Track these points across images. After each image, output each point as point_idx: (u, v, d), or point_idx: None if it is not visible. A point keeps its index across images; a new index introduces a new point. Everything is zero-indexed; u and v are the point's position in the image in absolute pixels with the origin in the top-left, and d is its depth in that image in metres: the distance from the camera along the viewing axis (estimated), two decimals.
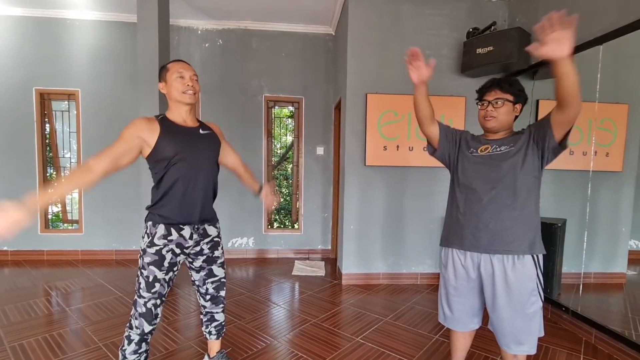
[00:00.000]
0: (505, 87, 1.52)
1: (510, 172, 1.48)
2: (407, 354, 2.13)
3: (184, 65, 1.57)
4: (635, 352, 2.00)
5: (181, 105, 1.56)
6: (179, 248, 1.58)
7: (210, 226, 1.69)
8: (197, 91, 1.59)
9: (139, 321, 1.53)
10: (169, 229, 1.54)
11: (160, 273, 1.52)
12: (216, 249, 1.73)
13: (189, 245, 1.61)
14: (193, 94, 1.55)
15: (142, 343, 1.57)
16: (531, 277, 1.49)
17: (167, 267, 1.54)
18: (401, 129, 3.25)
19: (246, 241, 4.18)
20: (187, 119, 1.60)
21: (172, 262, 1.56)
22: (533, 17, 2.90)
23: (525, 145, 1.49)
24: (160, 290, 1.54)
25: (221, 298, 1.81)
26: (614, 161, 2.58)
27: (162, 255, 1.52)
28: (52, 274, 3.49)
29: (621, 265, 2.65)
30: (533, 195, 1.50)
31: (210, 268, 1.73)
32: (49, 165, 4.02)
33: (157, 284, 1.52)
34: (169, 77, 1.54)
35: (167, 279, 1.56)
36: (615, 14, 2.17)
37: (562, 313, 2.54)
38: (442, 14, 3.20)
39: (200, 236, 1.64)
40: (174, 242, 1.55)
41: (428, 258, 3.40)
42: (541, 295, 1.51)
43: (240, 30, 3.99)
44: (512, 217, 1.48)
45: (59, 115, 4.00)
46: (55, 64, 3.81)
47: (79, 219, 3.98)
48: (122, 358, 1.57)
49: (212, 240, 1.70)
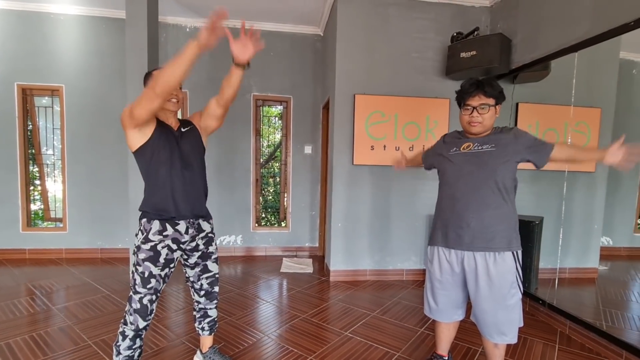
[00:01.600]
0: (489, 91, 1.57)
1: (490, 172, 1.56)
2: (394, 346, 2.22)
3: None
4: (606, 341, 2.14)
5: (166, 111, 1.61)
6: (175, 244, 1.60)
7: (204, 222, 1.72)
8: (181, 98, 1.63)
9: (134, 317, 1.55)
10: (164, 224, 1.56)
11: (155, 269, 1.54)
12: (210, 245, 1.77)
13: (186, 240, 1.63)
14: (177, 102, 1.60)
15: (136, 339, 1.59)
16: (511, 271, 1.58)
17: (163, 263, 1.56)
18: (388, 129, 3.34)
19: (234, 239, 4.20)
20: (171, 122, 1.65)
21: (169, 259, 1.58)
22: (513, 24, 3.03)
23: (510, 153, 1.56)
24: (155, 286, 1.57)
25: (215, 294, 1.85)
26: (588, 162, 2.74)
27: (157, 251, 1.54)
28: (36, 273, 3.42)
29: (594, 261, 2.80)
30: (511, 195, 1.60)
31: (205, 264, 1.76)
32: (31, 162, 3.94)
33: (152, 280, 1.55)
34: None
35: (162, 275, 1.58)
36: (589, 24, 2.31)
37: (539, 306, 2.68)
38: (428, 18, 3.30)
39: (195, 231, 1.67)
40: (169, 237, 1.57)
41: (413, 255, 3.51)
42: (520, 287, 1.61)
43: (229, 28, 3.96)
44: (492, 215, 1.57)
45: (42, 111, 3.91)
46: (39, 59, 3.72)
47: (63, 216, 3.91)
48: (117, 354, 1.59)
49: (206, 235, 1.74)
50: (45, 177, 4.02)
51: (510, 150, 1.57)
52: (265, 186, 4.75)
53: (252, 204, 4.21)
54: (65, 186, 3.87)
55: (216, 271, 1.83)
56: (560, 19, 2.56)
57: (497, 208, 1.57)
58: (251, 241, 4.24)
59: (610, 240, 2.78)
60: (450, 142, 1.76)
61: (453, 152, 1.69)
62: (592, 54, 2.34)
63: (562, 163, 1.59)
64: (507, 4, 3.13)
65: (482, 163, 1.59)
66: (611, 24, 2.14)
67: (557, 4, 2.59)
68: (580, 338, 2.32)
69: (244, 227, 4.21)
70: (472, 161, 1.62)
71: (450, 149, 1.72)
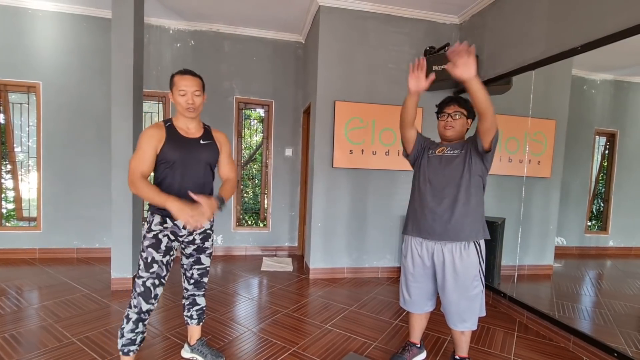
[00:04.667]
0: (462, 102, 1.86)
1: (459, 171, 1.79)
2: (371, 337, 2.39)
3: (187, 82, 1.66)
4: (557, 328, 2.40)
5: (185, 118, 1.73)
6: (174, 235, 1.73)
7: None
8: (198, 106, 1.70)
9: (137, 300, 1.66)
10: (164, 218, 1.70)
11: (157, 255, 1.67)
12: (207, 240, 1.87)
13: (183, 234, 1.76)
14: (193, 110, 1.68)
15: (139, 323, 1.69)
16: (474, 265, 1.80)
17: (164, 250, 1.69)
18: (366, 134, 3.53)
19: (215, 239, 4.25)
20: (190, 128, 1.76)
21: (169, 247, 1.71)
22: (480, 42, 3.31)
23: (468, 151, 1.81)
24: (158, 272, 1.68)
25: (203, 284, 1.96)
26: (544, 168, 3.01)
27: (158, 239, 1.68)
28: (8, 273, 3.34)
29: (549, 259, 3.08)
30: (479, 191, 1.82)
31: (199, 257, 1.87)
32: (4, 160, 3.82)
33: (155, 265, 1.67)
34: (174, 91, 1.67)
35: (164, 262, 1.69)
36: (544, 46, 2.60)
37: (500, 299, 2.94)
38: (403, 32, 3.54)
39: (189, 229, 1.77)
40: (169, 229, 1.71)
41: (388, 253, 3.71)
42: (482, 280, 1.83)
43: (213, 32, 4.07)
44: (461, 210, 1.78)
45: (17, 107, 3.82)
46: (14, 55, 3.64)
47: (37, 215, 3.82)
48: (120, 336, 1.70)
49: (204, 232, 1.85)
50: (19, 175, 3.91)
51: (468, 150, 1.81)
52: (244, 187, 4.82)
53: (233, 205, 4.28)
54: (41, 184, 3.79)
55: (207, 264, 1.93)
56: (520, 40, 2.85)
57: (464, 204, 1.78)
58: (232, 241, 4.31)
59: (564, 240, 3.06)
60: (431, 146, 1.98)
61: (430, 154, 1.92)
62: (548, 71, 2.61)
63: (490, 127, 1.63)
64: (474, 23, 3.42)
65: (451, 164, 1.82)
66: (562, 47, 2.43)
67: (517, 27, 2.88)
68: (536, 326, 2.58)
69: (225, 227, 4.27)
70: (443, 162, 1.85)
71: (429, 150, 1.95)
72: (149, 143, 1.64)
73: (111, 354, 2.03)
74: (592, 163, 2.89)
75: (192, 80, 1.67)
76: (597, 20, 2.21)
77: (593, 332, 2.25)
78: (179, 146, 1.68)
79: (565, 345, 2.33)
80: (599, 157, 2.87)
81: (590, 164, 2.89)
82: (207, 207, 1.58)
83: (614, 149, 2.72)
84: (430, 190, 1.85)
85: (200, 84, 1.71)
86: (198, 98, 1.69)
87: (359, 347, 2.24)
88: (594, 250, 3.03)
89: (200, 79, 1.72)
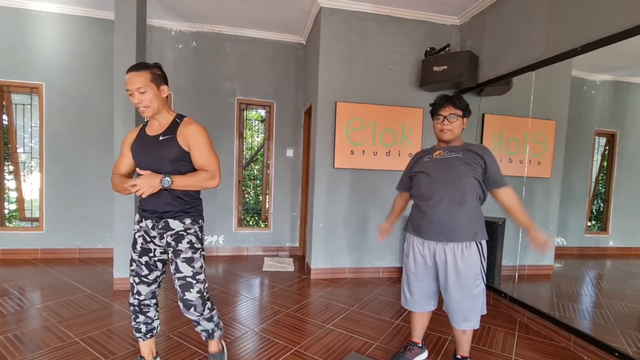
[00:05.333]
0: (457, 103, 1.84)
1: (457, 173, 1.80)
2: (372, 336, 2.40)
3: (129, 80, 1.52)
4: (558, 328, 2.41)
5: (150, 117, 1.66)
6: (147, 235, 1.69)
7: (175, 220, 1.65)
8: (148, 103, 1.55)
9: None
10: (140, 216, 1.71)
11: (134, 254, 1.72)
12: (180, 242, 1.64)
13: (154, 236, 1.68)
14: (146, 109, 1.57)
15: (136, 314, 1.76)
16: (476, 264, 1.81)
17: (139, 250, 1.70)
18: (367, 135, 3.55)
19: (216, 239, 4.27)
20: (154, 125, 1.67)
21: (145, 248, 1.70)
22: (480, 43, 3.33)
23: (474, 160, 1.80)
24: (137, 270, 1.71)
25: (189, 302, 1.65)
26: (544, 169, 3.02)
27: (135, 239, 1.72)
28: (11, 273, 3.35)
29: (549, 259, 3.10)
30: (476, 193, 1.82)
31: (176, 261, 1.65)
32: (7, 161, 3.84)
33: (133, 264, 1.72)
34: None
35: (142, 262, 1.70)
36: (544, 47, 2.61)
37: (501, 299, 2.95)
38: (404, 33, 3.56)
39: (162, 229, 1.65)
40: (142, 229, 1.70)
41: (389, 253, 3.72)
42: (484, 279, 1.84)
43: (214, 34, 4.09)
44: (459, 211, 1.79)
45: (20, 108, 3.84)
46: (17, 56, 3.66)
47: (40, 216, 3.84)
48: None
49: (176, 233, 1.65)
50: (22, 176, 3.93)
51: (474, 158, 1.81)
52: (245, 188, 4.84)
53: (235, 205, 4.30)
54: (43, 185, 3.81)
55: (188, 274, 1.64)
56: (520, 40, 2.86)
57: (463, 204, 1.79)
58: (233, 241, 4.32)
59: (564, 240, 3.07)
60: (421, 155, 2.00)
61: (426, 159, 1.92)
62: (548, 71, 2.63)
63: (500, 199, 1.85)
64: (475, 24, 3.43)
65: (450, 166, 1.82)
66: (562, 49, 2.44)
67: (517, 28, 2.90)
68: (537, 326, 2.59)
69: (226, 227, 4.28)
70: (442, 164, 1.85)
71: (423, 157, 1.94)
72: (124, 146, 1.71)
73: (114, 353, 2.05)
74: (592, 163, 2.90)
75: (133, 77, 1.51)
76: (596, 21, 2.22)
77: (594, 332, 2.26)
78: (140, 147, 1.66)
79: (566, 345, 2.34)
80: (599, 158, 2.89)
81: (590, 164, 2.90)
82: (144, 179, 1.50)
83: (614, 149, 2.74)
84: (429, 191, 1.85)
85: (145, 78, 1.53)
86: (145, 95, 1.53)
87: (360, 347, 2.25)
88: (594, 251, 3.05)
89: (148, 71, 1.54)
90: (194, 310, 1.66)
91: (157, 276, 1.76)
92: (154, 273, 1.74)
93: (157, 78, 1.58)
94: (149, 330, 1.80)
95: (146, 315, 1.77)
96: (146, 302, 1.75)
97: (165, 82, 1.64)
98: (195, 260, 1.66)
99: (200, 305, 1.67)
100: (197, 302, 1.66)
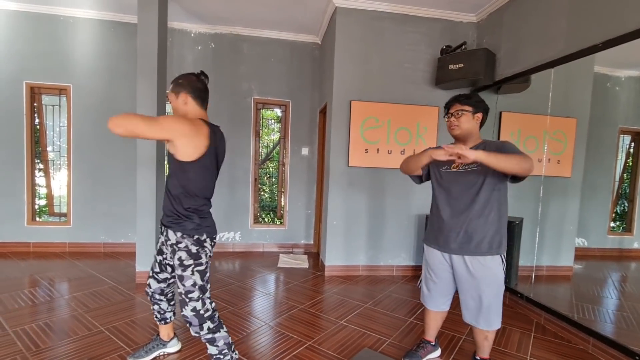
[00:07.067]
0: (463, 100, 1.82)
1: (475, 188, 1.76)
2: (386, 333, 2.42)
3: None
4: (576, 330, 2.36)
5: None
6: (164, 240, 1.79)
7: (171, 232, 1.63)
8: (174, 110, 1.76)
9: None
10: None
11: (156, 250, 1.87)
12: (172, 256, 1.65)
13: (163, 241, 1.77)
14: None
15: (151, 302, 1.94)
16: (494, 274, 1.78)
17: (158, 248, 1.85)
18: (381, 134, 3.56)
19: (233, 235, 4.37)
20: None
21: (160, 248, 1.82)
22: (497, 40, 3.28)
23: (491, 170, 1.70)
24: (153, 264, 1.87)
25: (185, 317, 1.62)
26: (564, 168, 2.96)
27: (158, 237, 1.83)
28: (41, 265, 3.54)
29: (568, 260, 3.03)
30: (496, 204, 1.77)
31: (175, 274, 1.65)
32: (37, 159, 4.05)
33: (153, 257, 1.88)
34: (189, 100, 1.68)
35: (157, 259, 1.84)
36: (564, 44, 2.56)
37: (518, 299, 2.91)
38: (420, 31, 3.54)
39: (165, 237, 1.70)
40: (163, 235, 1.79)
41: (403, 252, 3.73)
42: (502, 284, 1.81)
43: (232, 35, 4.18)
44: (477, 224, 1.76)
45: (49, 109, 4.04)
46: (48, 59, 3.85)
47: (68, 211, 4.03)
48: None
49: (170, 245, 1.65)
50: (51, 174, 4.14)
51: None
52: (261, 185, 4.93)
53: (251, 202, 4.39)
54: (71, 182, 4.00)
55: (181, 290, 1.60)
56: (538, 37, 2.81)
57: (481, 217, 1.76)
58: (249, 238, 4.42)
59: (585, 241, 3.00)
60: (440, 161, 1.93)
61: (444, 170, 1.90)
62: (569, 67, 2.55)
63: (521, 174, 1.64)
64: (492, 21, 3.39)
65: (468, 181, 1.79)
66: (583, 45, 2.39)
67: (535, 24, 2.85)
68: (554, 327, 2.55)
69: (243, 224, 4.38)
70: (460, 179, 1.82)
71: (443, 165, 1.90)
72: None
73: (137, 343, 2.15)
74: (615, 162, 2.83)
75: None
76: (618, 16, 2.17)
77: (614, 335, 2.20)
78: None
79: (585, 347, 2.30)
80: (623, 156, 2.81)
81: (613, 163, 2.83)
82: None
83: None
84: (447, 204, 1.84)
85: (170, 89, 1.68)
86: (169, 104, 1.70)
87: (373, 343, 2.27)
88: (617, 252, 2.97)
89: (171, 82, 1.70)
90: (191, 327, 1.62)
91: (167, 278, 1.85)
92: (164, 274, 1.84)
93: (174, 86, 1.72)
94: (163, 318, 1.96)
95: (159, 306, 1.93)
96: (156, 296, 1.89)
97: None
98: (185, 278, 1.59)
99: (197, 324, 1.60)
100: (193, 319, 1.60)
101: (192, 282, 1.60)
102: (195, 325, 1.61)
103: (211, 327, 1.63)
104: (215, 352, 1.66)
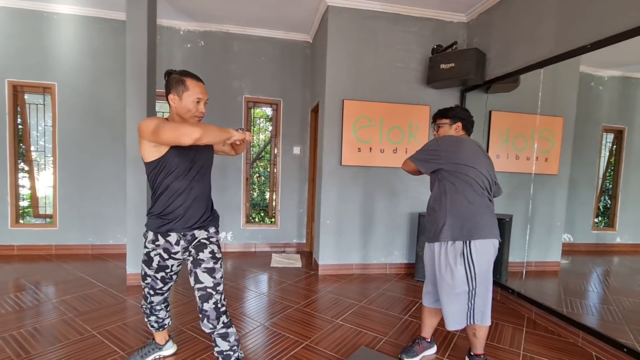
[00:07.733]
0: (441, 113, 2.06)
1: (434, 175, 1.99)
2: (381, 331, 2.44)
3: (203, 90, 1.58)
4: (566, 324, 2.42)
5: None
6: (167, 253, 1.66)
7: (202, 230, 1.66)
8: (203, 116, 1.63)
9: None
10: (156, 235, 1.65)
11: (149, 270, 1.72)
12: (201, 251, 1.61)
13: (177, 251, 1.66)
14: (199, 120, 1.61)
15: (147, 316, 1.90)
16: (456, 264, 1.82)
17: (155, 267, 1.70)
18: (374, 133, 3.57)
19: (225, 235, 4.33)
20: None
21: (162, 265, 1.69)
22: (487, 40, 3.33)
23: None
24: (152, 284, 1.76)
25: (207, 314, 1.57)
26: (552, 166, 3.03)
27: (150, 257, 1.69)
28: (27, 269, 3.44)
29: (556, 255, 3.11)
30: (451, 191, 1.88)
31: (196, 272, 1.60)
32: (21, 159, 3.93)
33: (148, 278, 1.75)
34: (186, 96, 1.54)
35: (158, 277, 1.73)
36: (553, 45, 2.62)
37: (508, 295, 2.97)
38: (411, 31, 3.57)
39: (187, 242, 1.66)
40: (161, 247, 1.65)
41: (395, 249, 3.76)
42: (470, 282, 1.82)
43: (222, 33, 4.13)
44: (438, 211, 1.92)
45: (33, 108, 3.91)
46: (31, 57, 3.73)
47: (54, 213, 3.92)
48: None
49: (198, 241, 1.64)
50: (35, 174, 4.02)
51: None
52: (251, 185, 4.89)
53: (243, 202, 4.36)
54: (56, 183, 3.89)
55: (208, 284, 1.58)
56: (528, 38, 2.87)
57: (439, 204, 1.92)
58: (241, 238, 4.38)
59: (571, 237, 3.09)
60: None
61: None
62: (556, 67, 2.61)
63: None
64: (482, 21, 3.43)
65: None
66: (572, 45, 2.44)
67: (525, 25, 2.90)
68: (545, 322, 2.61)
69: (235, 224, 4.34)
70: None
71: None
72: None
73: (130, 346, 2.11)
74: (599, 160, 2.91)
75: (205, 89, 1.60)
76: (607, 18, 2.22)
77: (602, 328, 2.27)
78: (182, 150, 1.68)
79: (574, 340, 2.36)
80: (607, 154, 2.89)
81: (597, 160, 2.91)
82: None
83: (622, 145, 2.74)
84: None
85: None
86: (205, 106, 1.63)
87: (369, 342, 2.29)
88: (601, 247, 3.06)
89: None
90: (207, 321, 1.59)
91: (170, 286, 1.83)
92: (169, 284, 1.80)
93: None
94: (161, 326, 1.93)
95: (157, 315, 1.88)
96: (157, 307, 1.86)
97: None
98: (216, 270, 1.61)
99: (214, 317, 1.59)
100: (212, 313, 1.58)
101: (221, 274, 1.64)
102: (212, 319, 1.59)
103: (226, 321, 1.63)
104: (227, 348, 1.65)
